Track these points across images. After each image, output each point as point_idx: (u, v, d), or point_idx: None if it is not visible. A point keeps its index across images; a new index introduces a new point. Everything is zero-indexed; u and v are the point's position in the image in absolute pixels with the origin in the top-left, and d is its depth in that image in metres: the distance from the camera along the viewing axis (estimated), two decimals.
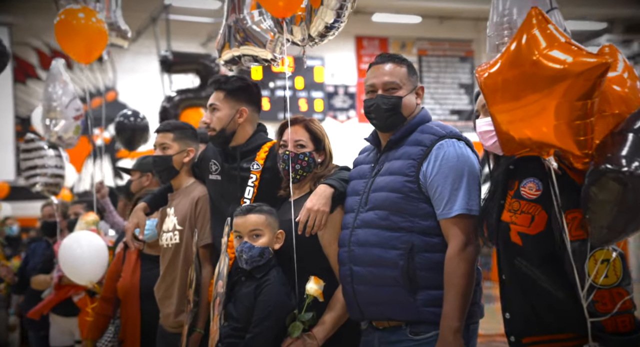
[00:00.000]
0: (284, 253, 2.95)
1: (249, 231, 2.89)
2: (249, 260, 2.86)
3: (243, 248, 2.87)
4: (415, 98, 2.83)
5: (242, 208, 2.97)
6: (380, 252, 2.67)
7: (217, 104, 3.35)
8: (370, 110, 2.81)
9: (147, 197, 3.71)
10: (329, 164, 3.11)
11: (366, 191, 2.79)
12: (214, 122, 3.34)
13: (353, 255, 2.75)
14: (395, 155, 2.77)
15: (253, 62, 3.42)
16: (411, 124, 2.80)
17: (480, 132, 2.51)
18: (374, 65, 2.86)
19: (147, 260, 3.96)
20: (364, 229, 2.73)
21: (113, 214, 5.07)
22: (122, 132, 6.19)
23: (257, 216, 2.91)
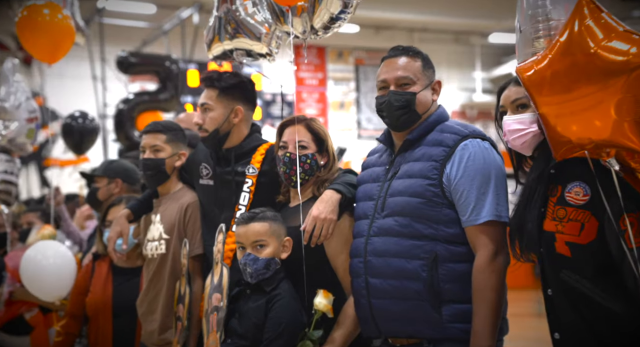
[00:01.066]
0: (287, 264, 2.69)
1: (252, 242, 2.62)
2: (254, 273, 2.59)
3: (247, 261, 2.60)
4: (431, 94, 2.60)
5: (244, 216, 2.69)
6: (401, 262, 2.43)
7: (209, 103, 3.06)
8: (382, 108, 2.58)
9: (131, 204, 3.37)
10: (333, 167, 2.86)
11: (382, 195, 2.54)
12: (207, 123, 3.05)
13: (370, 266, 2.50)
14: (414, 157, 2.53)
15: (246, 56, 3.15)
16: (429, 123, 2.57)
17: (509, 130, 2.31)
18: (386, 59, 2.63)
19: (120, 273, 3.61)
20: (382, 238, 2.49)
21: (68, 223, 4.67)
22: (70, 135, 5.73)
23: (260, 225, 2.64)
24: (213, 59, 3.25)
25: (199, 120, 3.05)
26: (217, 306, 2.71)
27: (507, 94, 2.40)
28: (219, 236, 2.87)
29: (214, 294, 2.76)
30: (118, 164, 4.20)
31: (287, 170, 2.77)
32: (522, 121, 2.30)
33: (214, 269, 2.84)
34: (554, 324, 2.18)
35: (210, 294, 2.80)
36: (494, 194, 2.40)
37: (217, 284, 2.77)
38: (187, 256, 3.06)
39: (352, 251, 2.62)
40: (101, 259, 3.64)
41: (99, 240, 3.62)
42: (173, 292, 3.14)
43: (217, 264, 2.82)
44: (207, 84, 3.08)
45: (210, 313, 2.77)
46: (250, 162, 3.04)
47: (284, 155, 2.79)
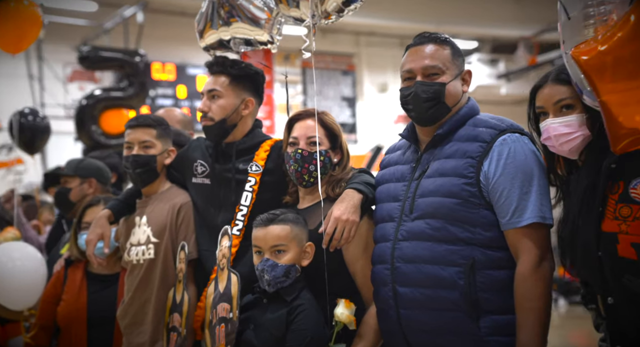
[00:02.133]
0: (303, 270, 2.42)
1: (271, 247, 2.34)
2: (272, 281, 2.32)
3: (265, 267, 2.32)
4: (461, 85, 2.35)
5: (262, 218, 2.40)
6: (435, 269, 2.18)
7: (219, 89, 2.76)
8: (408, 100, 2.32)
9: (111, 204, 3.02)
10: (347, 166, 2.60)
11: (410, 196, 2.29)
12: (214, 111, 2.75)
13: (398, 273, 2.25)
14: (445, 153, 2.28)
15: (244, 45, 2.86)
16: (460, 116, 2.32)
17: (555, 134, 2.09)
18: (412, 47, 2.38)
19: (95, 280, 3.25)
20: (412, 242, 2.24)
21: (26, 228, 4.25)
22: (21, 134, 5.25)
23: (280, 228, 2.36)
24: (205, 49, 2.95)
25: (205, 108, 2.75)
26: (224, 318, 2.40)
27: (547, 93, 2.16)
28: (224, 240, 2.57)
29: (221, 304, 2.45)
30: (89, 162, 3.83)
31: (299, 168, 2.50)
32: (570, 124, 2.09)
33: (219, 275, 2.53)
34: (615, 336, 1.97)
35: (214, 304, 2.49)
36: (537, 193, 2.16)
37: (224, 292, 2.46)
38: (185, 260, 2.74)
39: (376, 256, 2.37)
40: (75, 265, 3.29)
41: (74, 244, 3.26)
42: (164, 301, 2.82)
43: (223, 270, 2.51)
44: (216, 70, 2.79)
45: (215, 325, 2.46)
46: (254, 159, 2.76)
47: (295, 151, 2.52)
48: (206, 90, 2.78)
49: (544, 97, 2.17)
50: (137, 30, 10.38)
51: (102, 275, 3.24)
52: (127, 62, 6.99)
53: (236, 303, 2.37)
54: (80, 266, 3.27)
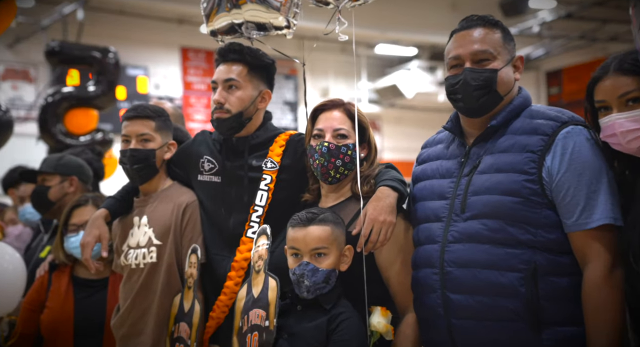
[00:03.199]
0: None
1: (312, 249, 2.10)
2: (311, 287, 2.08)
3: (305, 271, 2.08)
4: (513, 72, 2.14)
5: (301, 217, 2.16)
6: (493, 275, 1.97)
7: (238, 79, 2.51)
8: (456, 89, 2.11)
9: (107, 203, 2.72)
10: (374, 161, 2.38)
11: (460, 193, 2.08)
12: (232, 103, 2.49)
13: (450, 279, 2.03)
14: (500, 147, 2.07)
15: (256, 30, 2.63)
16: (515, 106, 2.12)
17: (622, 131, 1.90)
18: (458, 32, 2.16)
19: (83, 285, 2.95)
20: (466, 245, 2.02)
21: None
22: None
23: (322, 229, 2.12)
24: (212, 34, 2.71)
25: (221, 99, 2.49)
26: (258, 325, 2.15)
27: (610, 85, 1.94)
28: (261, 239, 2.32)
29: (254, 310, 2.19)
30: (70, 159, 3.50)
31: (325, 163, 2.27)
32: (638, 119, 1.89)
33: (253, 279, 2.27)
34: None
35: (246, 309, 2.23)
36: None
37: (259, 297, 2.21)
38: (197, 265, 2.47)
39: (421, 260, 2.14)
40: (60, 270, 2.98)
41: (60, 247, 2.96)
42: (167, 309, 2.54)
43: (259, 273, 2.25)
44: (233, 58, 2.54)
45: (247, 332, 2.20)
46: (268, 155, 2.52)
47: (321, 145, 2.29)
48: (222, 80, 2.52)
49: (605, 90, 1.96)
50: (76, 29, 9.88)
51: (89, 280, 2.95)
52: (96, 60, 6.55)
53: (274, 311, 2.13)
54: (65, 270, 2.97)
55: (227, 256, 2.49)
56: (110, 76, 6.52)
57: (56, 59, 6.75)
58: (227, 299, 2.44)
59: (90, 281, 2.94)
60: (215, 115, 2.52)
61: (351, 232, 2.18)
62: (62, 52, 6.66)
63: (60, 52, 6.65)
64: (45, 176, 3.39)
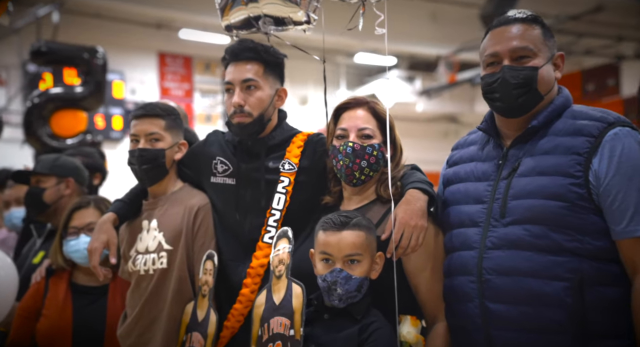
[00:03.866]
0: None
1: (345, 255, 1.98)
2: (344, 295, 1.96)
3: (338, 279, 1.96)
4: (553, 70, 2.05)
5: (334, 220, 2.03)
6: (537, 283, 1.86)
7: (257, 79, 2.39)
8: (494, 88, 2.01)
9: (115, 206, 2.58)
10: (399, 162, 2.27)
11: (499, 197, 1.98)
12: (252, 104, 2.38)
13: (489, 287, 1.93)
14: (542, 149, 1.97)
15: (274, 25, 2.51)
16: (556, 106, 2.02)
17: None
18: (495, 28, 2.06)
19: (81, 292, 2.79)
20: (507, 251, 1.92)
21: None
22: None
23: (356, 234, 2.00)
24: (227, 29, 2.58)
25: (241, 101, 2.36)
26: (282, 334, 2.02)
27: None
28: (281, 242, 2.19)
29: (276, 318, 2.07)
30: (65, 160, 3.34)
31: (350, 164, 2.16)
32: None
33: (274, 284, 2.15)
34: None
35: (266, 317, 2.11)
36: None
37: (282, 305, 2.08)
38: (213, 272, 2.34)
39: (455, 267, 2.04)
40: (57, 276, 2.82)
41: (58, 251, 2.80)
42: (177, 318, 2.41)
43: (280, 279, 2.12)
44: (248, 57, 2.41)
45: (268, 342, 2.07)
46: (285, 156, 2.41)
47: (345, 145, 2.18)
48: (239, 80, 2.39)
49: None
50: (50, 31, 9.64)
51: (89, 287, 2.79)
52: (84, 61, 6.33)
53: (300, 319, 2.00)
54: (63, 276, 2.81)
55: (241, 262, 2.37)
56: (98, 77, 6.33)
57: (42, 59, 6.55)
58: (243, 307, 2.32)
59: (89, 287, 2.79)
60: (235, 119, 2.40)
61: (380, 236, 2.07)
62: (49, 52, 6.44)
63: (47, 52, 6.42)
64: (39, 177, 3.24)
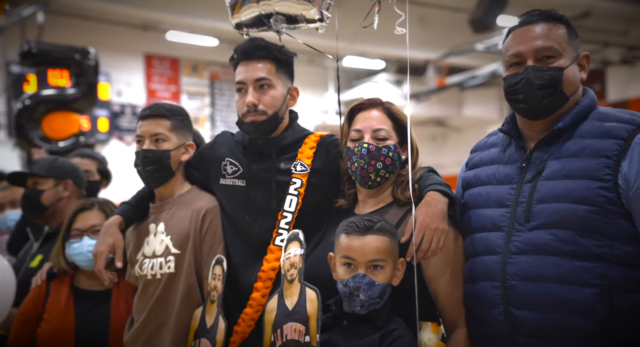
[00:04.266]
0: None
1: (369, 261, 1.93)
2: (366, 302, 1.91)
3: (361, 285, 1.90)
4: (578, 71, 1.99)
5: (358, 224, 1.97)
6: (565, 290, 1.81)
7: (270, 78, 2.35)
8: (518, 89, 1.95)
9: (122, 208, 2.52)
10: (416, 164, 2.22)
11: (523, 200, 1.93)
12: (266, 103, 2.33)
13: (514, 293, 1.88)
14: (568, 151, 1.92)
15: (286, 23, 2.45)
16: (582, 108, 1.96)
17: None
18: (518, 28, 2.02)
19: (84, 297, 2.71)
20: (533, 256, 1.87)
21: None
22: None
23: (381, 239, 1.94)
24: (237, 27, 2.52)
25: (255, 100, 2.32)
26: (296, 341, 1.96)
27: None
28: (291, 246, 2.13)
29: (290, 324, 2.00)
30: (63, 162, 3.27)
31: (365, 166, 2.12)
32: None
33: (286, 289, 2.08)
34: None
35: (279, 323, 2.04)
36: None
37: (295, 310, 2.02)
38: (222, 277, 2.27)
39: (476, 272, 1.99)
40: (59, 279, 2.74)
41: (61, 254, 2.73)
42: (185, 323, 2.35)
43: (293, 283, 2.06)
44: (261, 55, 2.37)
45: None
46: (297, 157, 2.36)
47: (360, 146, 2.13)
48: (252, 79, 2.34)
49: None
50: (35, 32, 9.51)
51: (91, 291, 2.72)
52: (76, 62, 6.21)
53: (316, 325, 1.94)
54: (65, 280, 2.74)
55: (251, 266, 2.31)
56: (90, 78, 6.22)
57: (32, 60, 6.42)
58: (254, 312, 2.26)
59: (92, 292, 2.72)
60: (249, 118, 2.34)
61: (401, 240, 2.01)
62: (39, 53, 6.31)
63: (38, 53, 6.30)
64: (37, 179, 3.16)
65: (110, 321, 2.63)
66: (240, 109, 2.38)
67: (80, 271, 2.75)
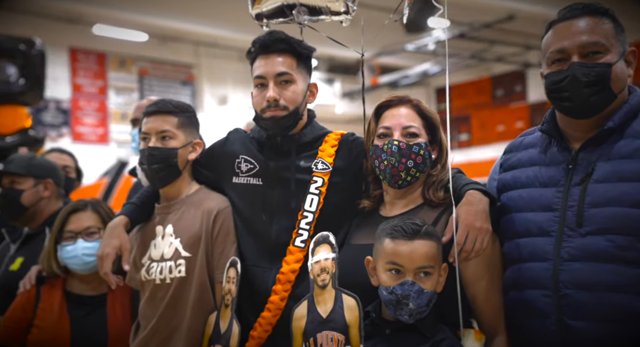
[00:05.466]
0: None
1: (417, 267, 1.84)
2: (414, 310, 1.82)
3: (410, 293, 1.81)
4: (626, 67, 1.91)
5: (405, 228, 1.87)
6: (625, 299, 1.74)
7: (291, 73, 2.25)
8: (562, 87, 1.87)
9: (127, 209, 2.38)
10: (445, 164, 2.13)
11: (573, 204, 1.85)
12: (288, 98, 2.24)
13: (568, 303, 1.80)
14: (619, 152, 1.85)
15: (308, 15, 2.36)
16: (633, 106, 1.89)
17: None
18: (559, 22, 1.93)
19: (78, 302, 2.57)
20: (588, 264, 1.79)
21: None
22: None
23: (429, 245, 1.86)
24: (257, 17, 2.41)
25: (276, 95, 2.22)
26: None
27: None
28: (320, 249, 2.03)
29: (324, 333, 1.92)
30: (42, 160, 3.11)
31: (396, 164, 2.04)
32: None
33: (317, 295, 1.99)
34: None
35: (311, 331, 1.95)
36: None
37: (330, 318, 1.93)
38: (236, 280, 2.17)
39: (524, 279, 1.91)
40: (49, 284, 2.59)
41: (52, 257, 2.58)
42: (199, 328, 2.25)
43: (325, 289, 1.97)
44: (282, 49, 2.27)
45: None
46: (318, 156, 2.28)
47: (390, 143, 2.06)
48: (273, 74, 2.25)
49: None
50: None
51: (85, 296, 2.59)
52: (20, 52, 5.79)
53: (358, 334, 1.86)
54: (57, 284, 2.59)
55: (267, 268, 2.23)
56: (37, 70, 5.85)
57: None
58: (272, 316, 2.18)
59: (86, 297, 2.58)
60: (268, 113, 2.25)
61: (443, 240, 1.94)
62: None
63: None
64: (14, 178, 2.97)
65: (107, 326, 2.51)
66: (259, 104, 2.29)
67: (72, 274, 2.61)
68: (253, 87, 2.33)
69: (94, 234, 2.56)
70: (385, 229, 1.92)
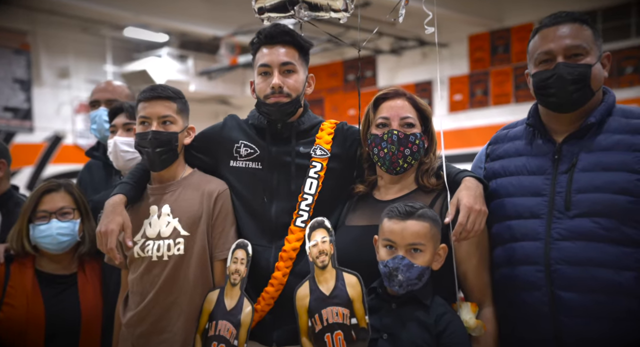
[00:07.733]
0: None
1: (408, 244, 2.16)
2: (404, 282, 2.14)
3: (400, 265, 2.14)
4: (602, 68, 2.30)
5: (400, 209, 2.20)
6: (609, 273, 2.10)
7: (294, 63, 2.51)
8: (549, 83, 2.22)
9: (122, 188, 2.54)
10: (435, 152, 2.48)
11: (561, 190, 2.20)
12: (291, 87, 2.50)
13: (559, 276, 2.15)
14: (600, 145, 2.21)
15: (310, 11, 2.54)
16: (609, 104, 2.27)
17: None
18: (545, 28, 2.29)
19: (49, 281, 2.70)
20: (578, 243, 2.14)
21: None
22: None
23: (421, 225, 2.17)
24: (259, 11, 2.56)
25: (280, 82, 2.47)
26: (340, 323, 2.18)
27: None
28: (317, 233, 2.32)
29: (329, 308, 2.21)
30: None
31: (395, 152, 2.35)
32: None
33: (318, 275, 2.28)
34: None
35: (315, 308, 2.24)
36: None
37: (333, 294, 2.23)
38: (246, 261, 2.41)
39: (517, 257, 2.25)
40: (19, 262, 2.70)
41: (24, 236, 2.69)
42: (198, 304, 2.46)
43: (326, 269, 2.26)
44: (286, 40, 2.51)
45: (325, 332, 2.21)
46: (316, 142, 2.55)
47: (390, 133, 2.36)
48: (278, 63, 2.49)
49: None
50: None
51: (57, 275, 2.72)
52: None
53: (363, 308, 2.17)
54: (27, 263, 2.70)
55: (267, 246, 2.48)
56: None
57: None
58: (274, 291, 2.43)
59: (57, 276, 2.72)
60: (272, 99, 2.49)
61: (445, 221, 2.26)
62: None
63: None
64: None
65: (80, 306, 2.65)
66: (262, 91, 2.52)
67: (42, 253, 2.72)
68: (255, 76, 2.56)
69: (68, 215, 2.69)
70: (385, 210, 2.25)
